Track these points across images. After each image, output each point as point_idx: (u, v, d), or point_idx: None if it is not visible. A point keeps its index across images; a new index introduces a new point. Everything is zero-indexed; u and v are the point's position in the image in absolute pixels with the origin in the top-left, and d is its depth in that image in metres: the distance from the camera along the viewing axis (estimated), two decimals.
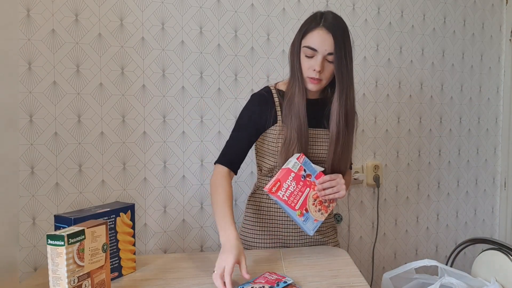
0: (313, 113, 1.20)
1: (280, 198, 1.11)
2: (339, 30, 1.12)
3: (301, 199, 1.13)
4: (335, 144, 1.18)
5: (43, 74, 1.37)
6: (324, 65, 1.12)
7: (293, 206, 1.12)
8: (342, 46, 1.11)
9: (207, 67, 1.59)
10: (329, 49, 1.10)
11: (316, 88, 1.16)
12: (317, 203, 1.15)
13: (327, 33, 1.10)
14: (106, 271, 0.90)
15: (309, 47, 1.11)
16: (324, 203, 1.16)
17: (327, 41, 1.10)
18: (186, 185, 1.58)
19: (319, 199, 1.15)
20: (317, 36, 1.11)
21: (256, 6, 1.64)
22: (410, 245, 1.99)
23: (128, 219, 1.06)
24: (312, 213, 1.14)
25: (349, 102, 1.17)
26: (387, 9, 1.86)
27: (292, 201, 1.12)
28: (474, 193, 2.12)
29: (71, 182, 1.42)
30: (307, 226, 1.14)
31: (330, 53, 1.11)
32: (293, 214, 1.12)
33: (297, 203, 1.12)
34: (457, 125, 2.05)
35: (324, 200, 1.16)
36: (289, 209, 1.12)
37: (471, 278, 1.37)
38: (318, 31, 1.11)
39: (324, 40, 1.10)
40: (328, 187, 1.14)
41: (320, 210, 1.15)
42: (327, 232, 1.32)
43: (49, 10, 1.37)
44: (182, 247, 1.59)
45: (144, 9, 1.49)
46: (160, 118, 1.53)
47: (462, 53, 2.04)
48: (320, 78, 1.14)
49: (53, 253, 0.80)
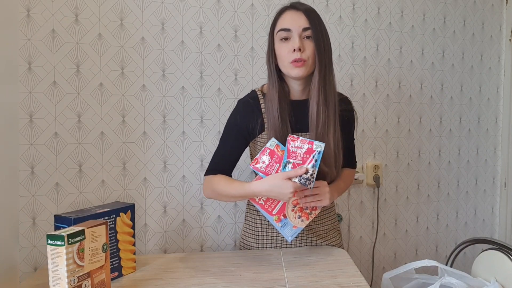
0: (297, 116, 1.15)
1: (256, 202, 1.10)
2: (308, 9, 1.10)
3: (279, 204, 1.10)
4: (315, 126, 1.10)
5: (43, 74, 1.37)
6: (303, 42, 1.08)
7: (270, 211, 1.09)
8: (316, 21, 1.08)
9: (207, 67, 1.59)
10: (303, 24, 1.07)
11: (302, 72, 1.09)
12: (297, 209, 1.11)
13: (296, 11, 1.09)
14: (106, 271, 0.90)
15: (282, 28, 1.09)
16: (306, 210, 1.11)
17: (299, 18, 1.08)
18: (186, 185, 1.58)
19: (299, 206, 1.11)
20: (288, 16, 1.09)
21: (256, 6, 1.64)
22: (410, 245, 1.99)
23: (128, 219, 1.06)
24: (290, 219, 1.10)
25: (328, 79, 1.11)
26: (387, 9, 1.86)
27: (269, 205, 1.09)
28: (474, 193, 2.12)
29: (71, 182, 1.42)
30: (284, 232, 1.10)
31: (305, 28, 1.07)
32: (270, 219, 1.10)
33: (274, 208, 1.09)
34: (457, 125, 2.05)
35: (305, 207, 1.11)
36: (266, 214, 1.10)
37: (471, 278, 1.37)
38: (287, 13, 1.10)
39: (295, 18, 1.08)
40: (309, 195, 1.09)
41: (300, 217, 1.11)
42: (329, 235, 1.28)
43: (49, 10, 1.37)
44: (182, 247, 1.59)
45: (144, 9, 1.49)
46: (160, 118, 1.53)
47: (462, 53, 2.04)
48: (303, 58, 1.07)
49: (53, 253, 0.80)
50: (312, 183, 1.03)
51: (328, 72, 1.11)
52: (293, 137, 1.05)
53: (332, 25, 1.75)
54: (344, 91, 1.74)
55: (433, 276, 1.40)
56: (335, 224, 1.33)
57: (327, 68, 1.11)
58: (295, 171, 1.01)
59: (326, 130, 1.11)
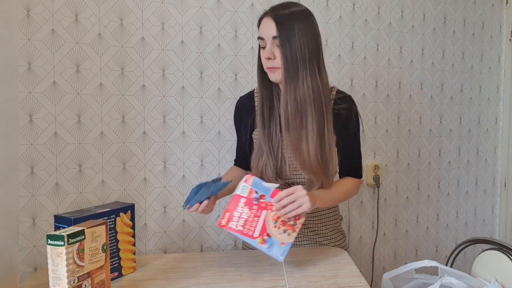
0: None
1: (233, 229, 0.98)
2: (284, 14, 1.10)
3: (259, 224, 0.99)
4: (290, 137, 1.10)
5: (43, 74, 1.37)
6: (273, 51, 1.10)
7: (251, 235, 0.98)
8: (286, 28, 1.07)
9: (207, 67, 1.59)
10: (273, 32, 1.08)
11: (275, 77, 1.12)
12: (280, 224, 1.01)
13: (269, 18, 1.10)
14: (106, 271, 0.90)
15: (258, 37, 1.13)
16: (289, 222, 1.01)
17: (270, 26, 1.09)
18: (186, 185, 1.58)
19: (281, 219, 1.01)
20: (262, 25, 1.12)
21: (256, 6, 1.64)
22: (410, 245, 1.99)
23: (128, 219, 1.06)
24: (276, 236, 0.99)
25: (302, 88, 1.08)
26: (387, 9, 1.86)
27: (248, 229, 0.99)
28: (474, 193, 2.12)
29: (71, 182, 1.42)
30: (273, 253, 0.98)
31: (274, 36, 1.09)
32: (254, 243, 0.98)
33: (254, 230, 0.99)
34: (457, 125, 2.05)
35: (287, 219, 1.01)
36: (248, 239, 0.98)
37: (471, 278, 1.37)
38: (263, 20, 1.13)
39: (267, 26, 1.10)
40: (287, 203, 0.99)
41: (286, 231, 1.00)
42: (332, 236, 1.27)
43: (49, 10, 1.37)
44: (182, 247, 1.59)
45: (144, 9, 1.49)
46: (160, 118, 1.53)
47: (462, 53, 2.04)
48: (275, 65, 1.10)
49: (53, 253, 0.80)
50: None
51: (301, 77, 1.08)
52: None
53: (332, 25, 1.75)
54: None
55: (433, 276, 1.40)
56: (337, 225, 1.30)
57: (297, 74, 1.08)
58: None
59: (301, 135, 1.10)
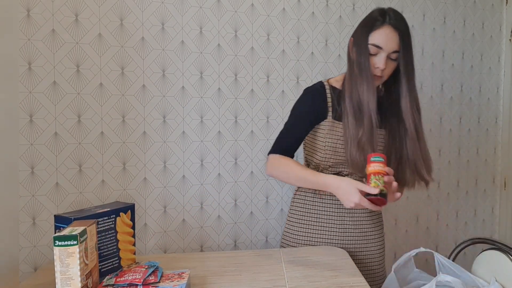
0: None
1: None
2: (404, 27, 1.13)
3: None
4: (418, 142, 1.18)
5: (43, 74, 1.37)
6: (387, 63, 1.13)
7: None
8: (407, 44, 1.13)
9: (207, 67, 1.59)
10: (395, 47, 1.11)
11: (377, 83, 1.18)
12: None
13: (393, 31, 1.11)
14: (97, 270, 0.91)
15: (374, 44, 1.12)
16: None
17: (393, 39, 1.11)
18: (186, 185, 1.58)
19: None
20: (383, 34, 1.11)
21: (256, 6, 1.64)
22: (410, 245, 1.99)
23: (128, 219, 1.06)
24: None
25: (416, 99, 1.20)
26: None
27: None
28: (474, 193, 2.12)
29: (71, 182, 1.42)
30: None
31: (395, 51, 1.12)
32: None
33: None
34: (457, 125, 2.05)
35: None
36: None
37: (470, 275, 1.37)
38: (384, 29, 1.11)
39: (390, 38, 1.10)
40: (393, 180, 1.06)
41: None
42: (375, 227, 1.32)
43: (49, 10, 1.37)
44: (182, 247, 1.59)
45: (144, 9, 1.49)
46: (160, 118, 1.53)
47: (462, 53, 2.04)
48: (382, 75, 1.15)
49: (62, 254, 0.79)
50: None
51: (415, 89, 1.20)
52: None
53: (332, 25, 1.75)
54: None
55: (431, 277, 1.39)
56: (380, 218, 1.35)
57: (414, 86, 1.20)
58: (370, 189, 1.02)
59: (426, 152, 1.21)
